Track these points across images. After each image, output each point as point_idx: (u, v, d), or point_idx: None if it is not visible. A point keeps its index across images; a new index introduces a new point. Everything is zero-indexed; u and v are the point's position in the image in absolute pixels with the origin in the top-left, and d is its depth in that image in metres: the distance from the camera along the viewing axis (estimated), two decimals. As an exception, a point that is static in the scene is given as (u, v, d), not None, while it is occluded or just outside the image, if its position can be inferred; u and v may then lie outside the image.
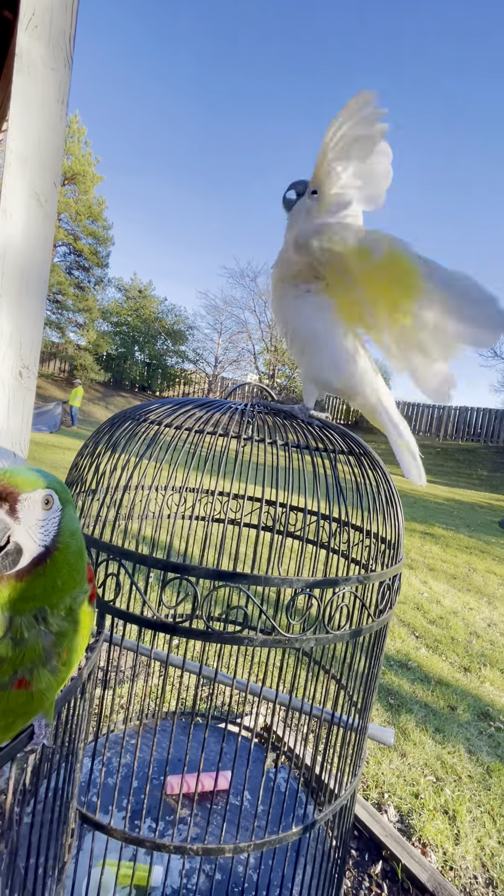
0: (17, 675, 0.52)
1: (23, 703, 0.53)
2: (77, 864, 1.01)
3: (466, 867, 1.83)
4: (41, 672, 0.53)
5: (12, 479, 0.50)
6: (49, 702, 0.56)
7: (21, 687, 0.52)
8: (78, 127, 18.98)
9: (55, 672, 0.55)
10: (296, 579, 0.74)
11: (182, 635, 0.72)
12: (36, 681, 0.53)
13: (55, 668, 0.55)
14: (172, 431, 0.90)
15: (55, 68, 1.67)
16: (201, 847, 0.78)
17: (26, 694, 0.53)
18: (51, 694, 0.55)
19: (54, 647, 0.54)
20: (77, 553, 0.56)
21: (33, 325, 1.75)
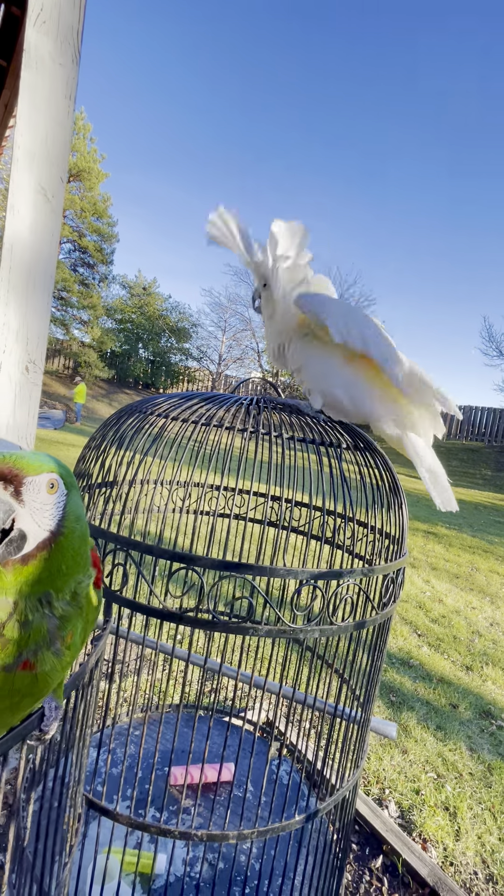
0: (22, 657, 0.52)
1: (28, 684, 0.54)
2: (82, 852, 1.03)
3: (467, 863, 1.84)
4: (46, 654, 0.53)
5: (17, 462, 0.50)
6: (53, 684, 0.56)
7: (26, 668, 0.53)
8: (83, 124, 18.99)
9: (59, 655, 0.55)
10: (300, 570, 0.75)
11: (188, 624, 0.73)
12: (41, 663, 0.53)
13: (59, 651, 0.55)
14: (179, 425, 0.91)
15: (63, 64, 1.68)
16: (206, 833, 0.79)
17: (31, 675, 0.53)
18: (55, 676, 0.56)
19: (59, 630, 0.54)
20: (81, 538, 0.56)
21: (40, 320, 1.76)
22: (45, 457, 0.54)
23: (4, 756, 0.51)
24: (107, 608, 0.79)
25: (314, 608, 0.78)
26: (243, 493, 1.37)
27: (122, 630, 0.98)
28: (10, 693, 0.53)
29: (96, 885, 0.92)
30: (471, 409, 18.70)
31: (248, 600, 0.74)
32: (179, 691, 2.35)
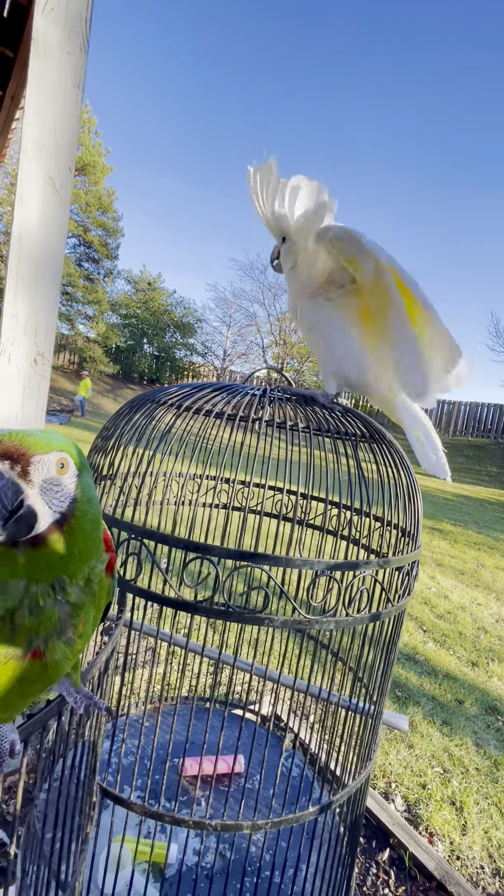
0: (33, 646, 0.50)
1: (37, 672, 0.52)
2: (96, 840, 1.03)
3: (473, 857, 1.84)
4: (56, 643, 0.52)
5: (24, 440, 0.47)
6: (63, 672, 0.54)
7: (35, 657, 0.51)
8: (88, 117, 18.90)
9: (71, 644, 0.53)
10: (317, 561, 0.74)
11: (203, 614, 0.73)
12: (51, 651, 0.52)
13: (71, 639, 0.53)
14: (191, 415, 0.90)
15: (71, 52, 1.66)
16: (220, 823, 0.79)
17: (41, 664, 0.52)
18: (65, 665, 0.54)
19: (70, 618, 0.52)
20: (94, 521, 0.54)
21: (48, 312, 1.75)
22: (55, 435, 0.51)
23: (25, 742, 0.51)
24: (121, 598, 0.78)
25: (329, 600, 0.77)
26: (257, 486, 1.36)
27: (135, 623, 0.98)
28: (19, 681, 0.51)
29: (109, 873, 0.92)
30: (477, 406, 18.58)
31: (264, 590, 0.73)
32: (190, 684, 2.36)
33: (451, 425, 18.99)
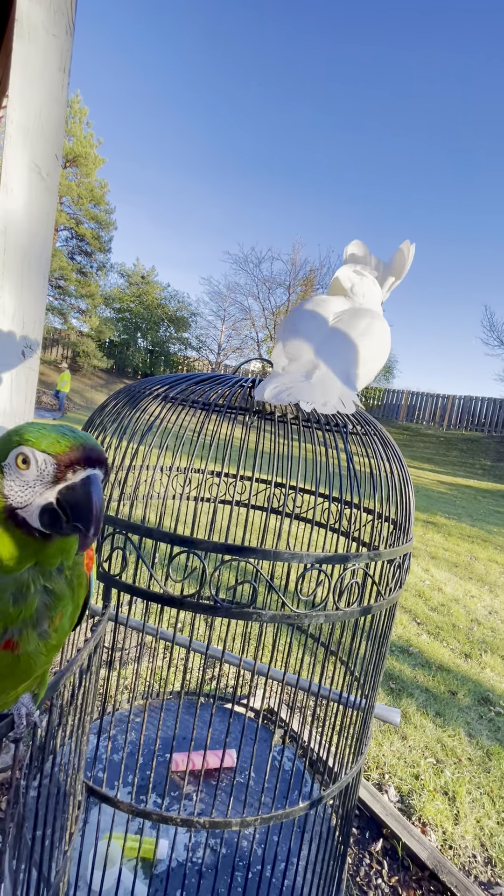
0: (6, 635, 0.50)
1: (8, 664, 0.52)
2: (84, 838, 1.02)
3: (466, 846, 1.85)
4: (30, 634, 0.51)
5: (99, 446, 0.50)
6: (36, 669, 0.54)
7: (7, 648, 0.51)
8: (79, 107, 18.61)
9: (45, 637, 0.53)
10: (306, 554, 0.73)
11: (189, 609, 0.71)
12: (24, 642, 0.51)
13: (45, 632, 0.53)
14: (178, 407, 0.88)
15: (56, 34, 1.61)
16: (208, 820, 0.78)
17: (12, 656, 0.51)
18: (38, 660, 0.54)
19: (48, 609, 0.52)
20: None
21: (36, 304, 1.71)
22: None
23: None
24: (106, 593, 0.77)
25: (318, 594, 0.76)
26: (245, 479, 1.35)
27: (121, 617, 0.97)
28: None
29: (98, 870, 0.91)
30: (471, 399, 18.65)
31: (251, 585, 0.72)
32: (180, 679, 2.35)
33: (445, 419, 19.07)
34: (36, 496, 0.47)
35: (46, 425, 0.50)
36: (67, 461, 0.46)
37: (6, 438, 0.49)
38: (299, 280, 21.67)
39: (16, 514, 0.47)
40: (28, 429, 0.48)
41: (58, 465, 0.46)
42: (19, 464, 0.47)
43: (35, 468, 0.47)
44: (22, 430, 0.49)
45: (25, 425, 0.49)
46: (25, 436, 0.47)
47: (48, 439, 0.47)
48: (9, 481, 0.47)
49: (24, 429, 0.49)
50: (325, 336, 0.95)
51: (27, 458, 0.47)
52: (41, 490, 0.47)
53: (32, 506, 0.47)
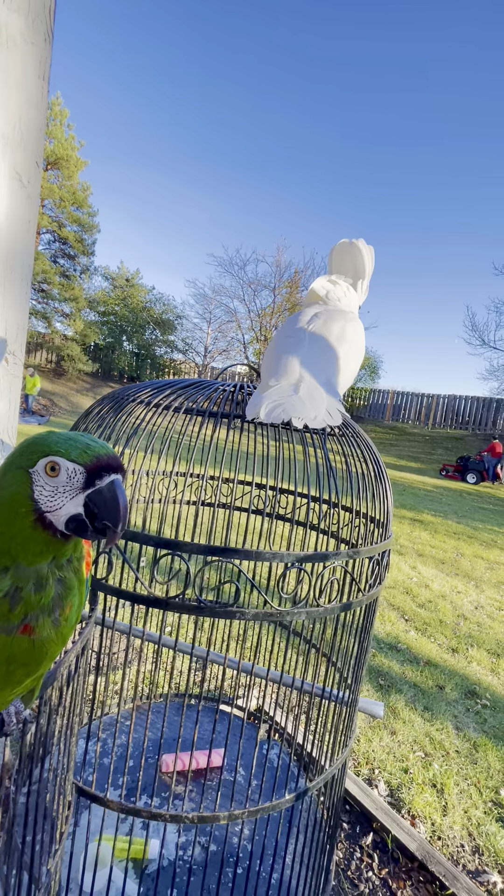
0: (25, 620, 0.54)
1: (24, 650, 0.56)
2: (75, 840, 1.03)
3: (454, 836, 1.90)
4: (45, 620, 0.56)
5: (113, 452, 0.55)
6: (47, 658, 0.58)
7: (25, 633, 0.55)
8: (60, 109, 18.47)
9: (57, 625, 0.57)
10: (286, 553, 0.75)
11: (174, 610, 0.73)
12: (39, 628, 0.55)
13: (58, 620, 0.57)
14: (162, 413, 0.90)
15: (35, 42, 1.62)
16: (196, 815, 0.80)
17: (28, 640, 0.55)
18: (50, 647, 0.57)
19: (61, 598, 0.57)
20: None
21: (18, 310, 1.71)
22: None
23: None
24: (92, 596, 0.78)
25: (301, 591, 0.79)
26: (228, 482, 1.37)
27: (108, 620, 0.98)
28: (6, 659, 0.55)
29: (88, 871, 0.92)
30: (455, 398, 18.94)
31: (234, 584, 0.74)
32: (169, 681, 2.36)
33: (430, 418, 19.33)
34: (66, 501, 0.52)
35: (70, 435, 0.55)
36: (94, 469, 0.52)
37: (30, 447, 0.54)
38: (284, 282, 21.78)
39: (44, 517, 0.52)
40: (54, 439, 0.53)
41: (87, 473, 0.52)
42: (48, 471, 0.52)
43: (65, 476, 0.52)
44: (48, 441, 0.53)
45: (49, 435, 0.54)
46: (53, 446, 0.52)
47: (76, 450, 0.52)
48: (38, 486, 0.52)
49: (49, 438, 0.54)
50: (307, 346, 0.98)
51: (56, 466, 0.52)
52: (71, 495, 0.52)
53: (62, 511, 0.52)
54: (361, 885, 1.62)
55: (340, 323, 0.99)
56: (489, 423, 17.99)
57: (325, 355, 0.95)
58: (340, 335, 0.97)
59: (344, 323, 1.00)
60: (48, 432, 0.55)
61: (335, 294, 1.06)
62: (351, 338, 1.00)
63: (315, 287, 1.08)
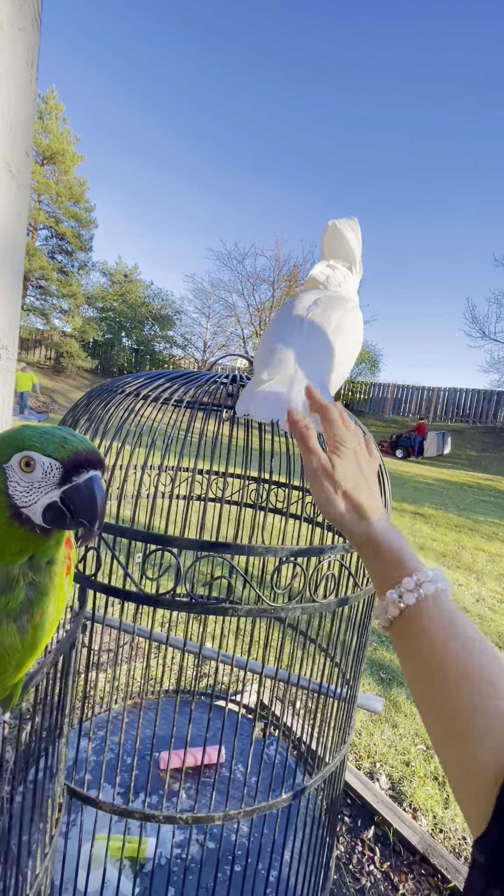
0: None
1: None
2: (70, 841, 1.02)
3: (456, 829, 1.89)
4: (9, 626, 0.53)
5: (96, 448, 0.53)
6: (9, 665, 0.55)
7: None
8: (55, 103, 18.30)
9: (23, 632, 0.54)
10: (280, 548, 0.73)
11: (165, 607, 0.71)
12: (2, 634, 0.53)
13: (24, 627, 0.54)
14: (151, 405, 0.87)
15: (23, 28, 1.58)
16: (191, 816, 0.78)
17: None
18: (13, 655, 0.54)
19: (30, 604, 0.54)
20: None
21: (10, 304, 1.68)
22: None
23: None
24: (81, 594, 0.76)
25: (295, 586, 0.77)
26: (219, 475, 1.34)
27: (98, 616, 0.96)
28: None
29: (84, 871, 0.91)
30: (455, 391, 18.88)
31: (226, 580, 0.72)
32: (165, 677, 2.35)
33: (431, 411, 19.28)
34: (41, 496, 0.50)
35: (46, 429, 0.52)
36: (72, 465, 0.49)
37: (4, 442, 0.51)
38: (283, 276, 21.65)
39: (20, 512, 0.50)
40: (29, 433, 0.51)
41: (64, 469, 0.49)
42: (23, 466, 0.49)
43: (40, 471, 0.50)
44: (23, 435, 0.51)
45: (24, 429, 0.51)
46: (28, 441, 0.50)
47: (52, 444, 0.50)
48: (12, 482, 0.50)
49: (24, 433, 0.51)
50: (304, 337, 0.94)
51: (31, 462, 0.49)
52: (46, 490, 0.50)
53: (37, 505, 0.50)
54: (363, 879, 1.61)
55: (340, 312, 0.95)
56: (490, 416, 17.94)
57: (322, 350, 0.91)
58: (339, 327, 0.93)
59: (343, 312, 0.96)
60: (23, 426, 0.52)
61: (335, 279, 1.03)
62: (349, 330, 0.96)
63: (314, 273, 1.05)
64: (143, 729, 1.49)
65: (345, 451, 0.60)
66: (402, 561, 0.52)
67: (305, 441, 0.60)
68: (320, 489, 0.58)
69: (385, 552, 0.53)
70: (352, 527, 0.56)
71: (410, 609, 0.49)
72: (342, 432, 0.61)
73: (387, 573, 0.52)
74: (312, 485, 0.59)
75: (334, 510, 0.57)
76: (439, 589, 0.49)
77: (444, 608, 0.48)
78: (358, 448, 0.61)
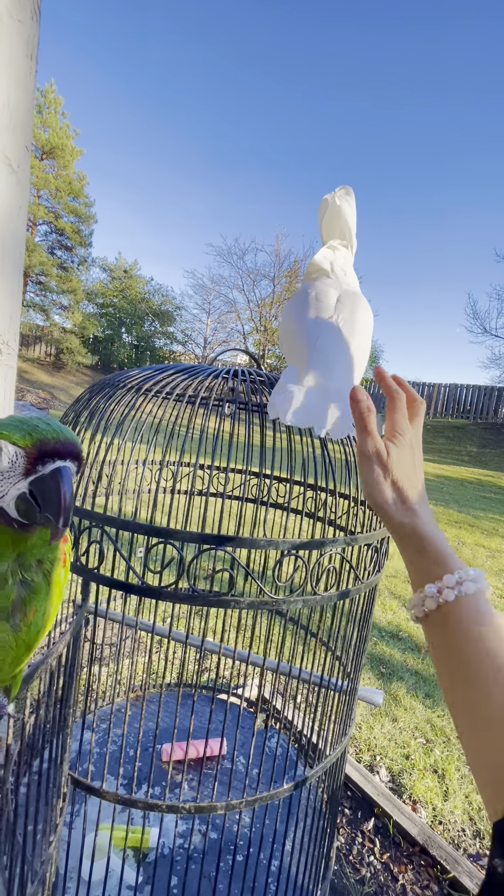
0: None
1: None
2: (74, 831, 1.03)
3: (455, 821, 1.91)
4: (2, 625, 0.52)
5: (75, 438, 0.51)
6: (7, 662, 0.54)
7: None
8: (54, 97, 18.17)
9: (16, 630, 0.53)
10: (282, 541, 0.73)
11: (167, 599, 0.72)
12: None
13: (17, 625, 0.53)
14: (152, 400, 0.87)
15: (22, 20, 1.57)
16: (193, 805, 0.79)
17: None
18: (8, 653, 0.54)
19: (23, 603, 0.53)
20: None
21: (11, 299, 1.68)
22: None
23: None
24: (84, 588, 0.77)
25: (296, 579, 0.77)
26: (221, 470, 1.35)
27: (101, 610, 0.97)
28: None
29: (88, 861, 0.92)
30: (456, 387, 18.85)
31: (228, 573, 0.73)
32: (167, 671, 2.37)
33: (431, 407, 19.26)
34: (10, 487, 0.47)
35: (24, 418, 0.50)
36: (37, 453, 0.47)
37: None
38: (284, 271, 21.56)
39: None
40: (4, 422, 0.49)
41: (27, 457, 0.47)
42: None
43: (6, 459, 0.47)
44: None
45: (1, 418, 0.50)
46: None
47: (20, 432, 0.47)
48: None
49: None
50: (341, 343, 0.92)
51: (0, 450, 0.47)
52: (14, 481, 0.47)
53: (8, 496, 0.48)
54: (363, 870, 1.63)
55: (361, 314, 0.95)
56: (490, 412, 17.92)
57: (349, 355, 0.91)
58: (363, 331, 0.93)
59: (365, 314, 0.96)
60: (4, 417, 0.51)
61: (339, 265, 1.02)
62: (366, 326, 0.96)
63: (318, 259, 1.03)
64: (145, 722, 1.50)
65: (402, 442, 0.60)
66: (445, 558, 0.53)
67: (364, 421, 0.60)
68: (370, 472, 0.58)
69: (430, 547, 0.55)
70: (396, 515, 0.57)
71: (449, 605, 0.50)
72: (405, 423, 0.62)
73: (429, 568, 0.53)
74: (362, 467, 0.59)
75: (380, 495, 0.58)
76: (479, 589, 0.50)
77: (483, 607, 0.49)
78: (415, 443, 0.62)
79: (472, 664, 0.46)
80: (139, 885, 1.00)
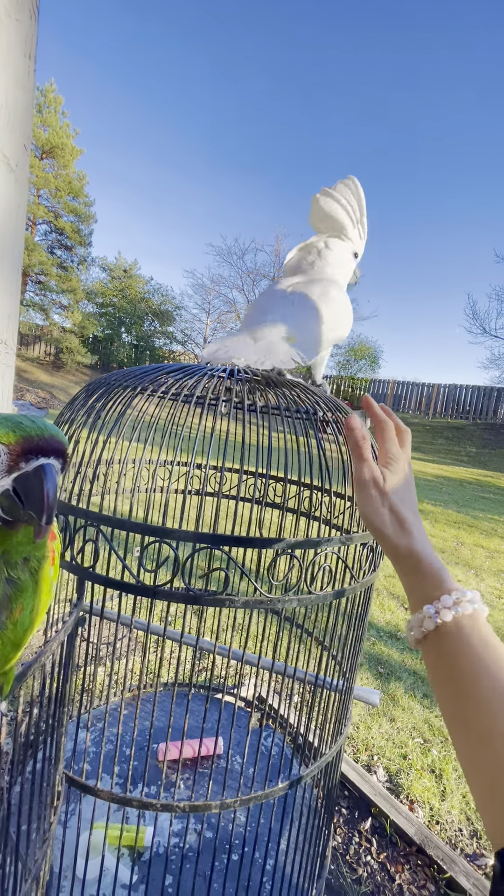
0: None
1: None
2: (69, 829, 1.03)
3: (452, 821, 1.91)
4: None
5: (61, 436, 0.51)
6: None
7: None
8: (54, 96, 18.15)
9: (2, 628, 0.53)
10: (277, 540, 0.73)
11: (162, 598, 0.72)
12: None
13: (3, 623, 0.53)
14: (147, 398, 0.87)
15: (20, 19, 1.57)
16: (188, 804, 0.79)
17: None
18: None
19: (9, 601, 0.53)
20: None
21: (9, 298, 1.68)
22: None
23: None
24: (79, 587, 0.77)
25: (292, 578, 0.77)
26: (216, 469, 1.35)
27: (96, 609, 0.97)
28: None
29: (82, 859, 0.92)
30: (455, 387, 18.85)
31: (223, 572, 0.73)
32: (164, 670, 2.37)
33: (430, 407, 19.27)
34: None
35: (9, 416, 0.49)
36: (20, 450, 0.47)
37: None
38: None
39: None
40: None
41: (11, 454, 0.47)
42: None
43: None
44: None
45: None
46: None
47: (3, 429, 0.47)
48: None
49: None
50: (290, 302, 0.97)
51: None
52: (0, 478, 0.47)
53: None
54: (360, 869, 1.63)
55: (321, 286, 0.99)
56: (490, 413, 17.93)
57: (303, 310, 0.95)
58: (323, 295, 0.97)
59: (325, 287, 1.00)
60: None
61: (308, 261, 1.05)
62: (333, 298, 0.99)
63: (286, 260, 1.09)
64: (141, 721, 1.50)
65: (396, 468, 0.64)
66: (441, 579, 0.55)
67: (360, 450, 0.64)
68: (367, 498, 0.61)
69: (426, 568, 0.56)
70: (393, 537, 0.59)
71: (447, 625, 0.51)
72: (397, 450, 0.65)
73: (425, 589, 0.55)
74: (359, 494, 0.62)
75: (378, 519, 0.60)
76: (476, 609, 0.51)
77: (480, 628, 0.50)
78: (407, 468, 0.65)
79: (473, 684, 0.46)
80: (134, 884, 1.00)
